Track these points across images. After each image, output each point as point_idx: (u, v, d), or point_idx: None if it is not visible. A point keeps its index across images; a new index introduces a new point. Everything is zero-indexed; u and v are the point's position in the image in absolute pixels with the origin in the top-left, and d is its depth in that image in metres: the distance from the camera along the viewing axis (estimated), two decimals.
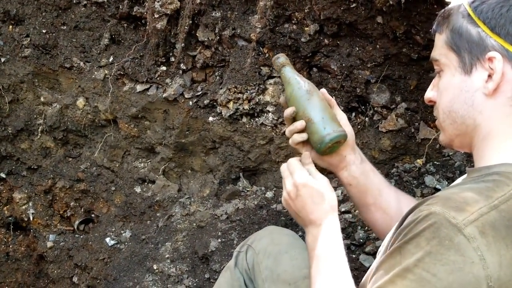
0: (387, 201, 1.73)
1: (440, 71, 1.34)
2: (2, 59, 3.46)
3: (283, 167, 1.62)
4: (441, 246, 1.04)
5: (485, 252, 1.04)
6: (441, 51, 1.33)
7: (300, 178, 1.52)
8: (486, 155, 1.27)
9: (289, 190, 1.54)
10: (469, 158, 2.79)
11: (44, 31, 3.36)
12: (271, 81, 3.04)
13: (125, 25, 3.26)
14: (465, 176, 1.35)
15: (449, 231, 1.05)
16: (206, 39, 3.05)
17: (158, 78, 3.24)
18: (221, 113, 3.13)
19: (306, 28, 2.84)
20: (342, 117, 1.72)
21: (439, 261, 1.04)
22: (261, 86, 3.03)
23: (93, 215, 3.68)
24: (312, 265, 1.46)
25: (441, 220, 1.07)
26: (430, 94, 1.40)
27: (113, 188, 3.56)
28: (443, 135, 1.40)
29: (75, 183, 3.63)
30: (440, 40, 1.33)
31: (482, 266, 1.03)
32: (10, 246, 3.79)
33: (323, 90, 1.75)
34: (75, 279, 3.51)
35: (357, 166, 1.73)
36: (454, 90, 1.29)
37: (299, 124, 1.63)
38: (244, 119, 3.13)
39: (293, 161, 1.59)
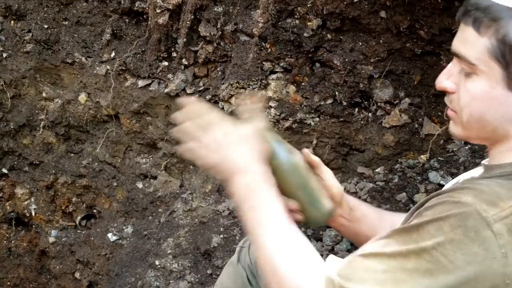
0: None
1: (471, 73, 1.21)
2: (4, 54, 3.45)
3: (188, 124, 1.40)
4: (465, 236, 1.02)
5: (510, 251, 1.02)
6: (479, 56, 1.17)
7: (222, 127, 1.31)
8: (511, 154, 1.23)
9: (208, 142, 1.31)
10: (473, 154, 2.77)
11: (46, 26, 3.35)
12: (274, 76, 3.03)
13: (127, 20, 3.25)
14: (478, 170, 1.33)
15: (477, 223, 1.03)
16: (208, 34, 3.03)
17: (160, 74, 3.23)
18: (223, 108, 3.12)
19: (309, 23, 2.82)
20: (328, 176, 1.51)
21: (461, 250, 1.02)
22: (263, 81, 3.02)
23: (95, 211, 3.68)
24: (249, 218, 1.25)
25: (471, 210, 1.04)
26: (446, 84, 1.25)
27: (115, 184, 3.55)
28: (460, 131, 1.27)
29: (77, 179, 3.63)
30: (480, 44, 1.17)
31: (503, 263, 1.02)
32: (12, 242, 3.80)
33: (305, 151, 1.49)
34: (77, 275, 3.51)
35: (345, 219, 1.63)
36: (491, 102, 1.19)
37: (294, 206, 1.42)
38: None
39: (212, 112, 1.37)
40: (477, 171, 1.35)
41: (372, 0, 2.68)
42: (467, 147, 2.81)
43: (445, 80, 1.25)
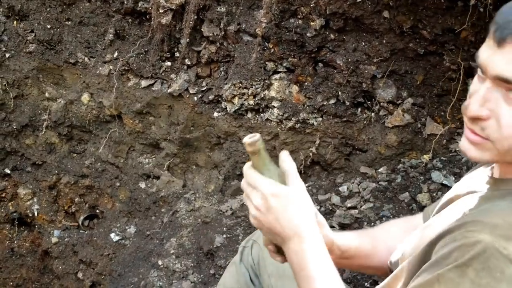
0: (378, 261, 1.60)
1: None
2: (7, 55, 3.45)
3: (243, 183, 1.34)
4: (491, 278, 0.98)
5: None
6: None
7: (267, 189, 1.26)
8: None
9: (258, 204, 1.27)
10: None
11: (48, 26, 3.35)
12: (277, 76, 3.03)
13: (130, 20, 3.25)
14: (480, 173, 1.30)
15: (500, 262, 0.98)
16: (211, 34, 3.03)
17: (163, 74, 3.23)
18: (226, 108, 3.12)
19: (312, 23, 2.82)
20: (323, 230, 1.48)
21: None
22: (266, 81, 3.02)
23: (97, 211, 3.68)
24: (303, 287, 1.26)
25: (491, 250, 0.98)
26: (482, 112, 1.11)
27: (117, 184, 3.55)
28: (488, 157, 1.16)
29: (79, 179, 3.63)
30: None
31: None
32: (15, 242, 3.80)
33: None
34: (79, 275, 3.51)
35: (339, 259, 1.54)
36: None
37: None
38: (249, 115, 3.12)
39: (251, 173, 1.30)
40: (480, 175, 1.32)
41: (375, 0, 2.68)
42: None
43: (480, 107, 1.12)
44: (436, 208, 1.43)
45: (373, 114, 2.97)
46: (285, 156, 1.31)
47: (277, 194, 1.25)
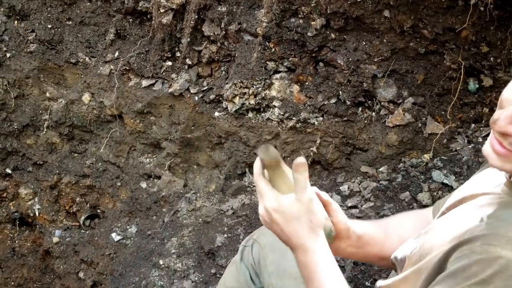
0: (391, 251, 1.58)
1: None
2: (8, 55, 3.46)
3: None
4: None
5: None
6: None
7: (269, 203, 1.31)
8: None
9: (262, 214, 1.34)
10: (476, 153, 2.77)
11: (49, 26, 3.35)
12: (277, 76, 3.03)
13: (131, 20, 3.25)
14: (492, 173, 1.29)
15: None
16: (211, 34, 3.03)
17: (163, 73, 3.23)
18: (227, 108, 3.12)
19: (312, 22, 2.82)
20: (336, 213, 1.50)
21: None
22: (267, 81, 3.02)
23: (98, 211, 3.68)
24: None
25: None
26: (510, 129, 1.11)
27: (118, 184, 3.56)
28: (509, 167, 1.15)
29: (80, 179, 3.63)
30: None
31: None
32: (16, 242, 3.80)
33: (315, 189, 1.45)
34: (81, 275, 3.52)
35: (353, 247, 1.56)
36: None
37: None
38: (250, 114, 3.12)
39: (259, 182, 1.34)
40: (493, 176, 1.30)
41: (376, 0, 2.68)
42: (470, 146, 2.81)
43: (509, 124, 1.11)
44: (445, 206, 1.41)
45: (373, 113, 2.97)
46: (296, 165, 1.31)
47: (278, 209, 1.29)
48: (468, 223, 1.13)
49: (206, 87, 3.17)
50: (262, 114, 3.10)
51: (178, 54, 3.18)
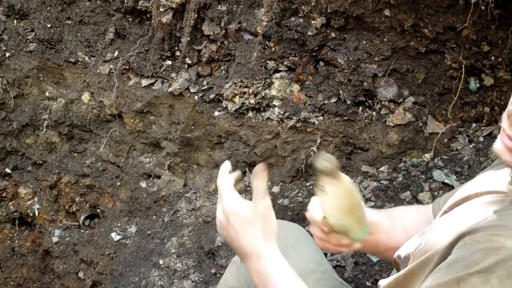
0: (396, 240, 1.57)
1: None
2: (7, 54, 3.45)
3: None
4: None
5: None
6: None
7: (228, 205, 1.31)
8: None
9: (219, 217, 1.34)
10: (477, 153, 2.76)
11: (49, 25, 3.35)
12: (277, 75, 3.02)
13: (130, 19, 3.25)
14: (501, 172, 1.28)
15: None
16: (211, 33, 3.03)
17: (163, 73, 3.23)
18: (227, 107, 3.11)
19: (313, 21, 2.82)
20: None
21: None
22: (267, 80, 3.01)
23: (98, 210, 3.68)
24: None
25: None
26: None
27: (118, 183, 3.55)
28: None
29: (80, 178, 3.63)
30: None
31: None
32: (16, 242, 3.79)
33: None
34: (80, 274, 3.51)
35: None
36: None
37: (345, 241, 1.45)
38: (250, 114, 3.11)
39: (222, 181, 1.35)
40: (500, 175, 1.29)
41: None
42: (471, 146, 2.80)
43: None
44: (448, 205, 1.40)
45: (374, 113, 2.96)
46: (256, 172, 1.34)
47: (236, 213, 1.30)
48: (474, 218, 1.12)
49: (206, 87, 3.16)
50: (262, 113, 3.09)
51: (178, 53, 3.17)
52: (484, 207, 1.17)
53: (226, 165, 1.39)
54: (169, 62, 3.20)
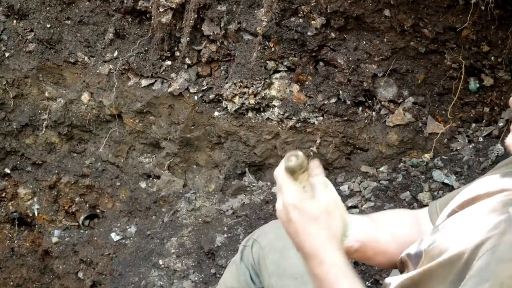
0: (383, 246, 1.50)
1: None
2: (7, 54, 3.45)
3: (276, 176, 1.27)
4: None
5: None
6: None
7: (289, 197, 1.18)
8: None
9: (278, 210, 1.21)
10: (477, 153, 2.76)
11: (48, 25, 3.34)
12: (277, 75, 3.02)
13: (130, 19, 3.24)
14: None
15: None
16: (211, 33, 3.02)
17: (163, 73, 3.22)
18: (226, 107, 3.11)
19: (312, 22, 2.82)
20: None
21: None
22: (267, 80, 3.01)
23: (98, 211, 3.68)
24: None
25: None
26: None
27: (118, 184, 3.55)
28: None
29: (80, 179, 3.62)
30: None
31: None
32: (15, 242, 3.79)
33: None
34: (80, 275, 3.51)
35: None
36: None
37: None
38: (250, 114, 3.11)
39: (281, 175, 1.22)
40: (504, 175, 1.27)
41: None
42: (471, 146, 2.80)
43: None
44: (455, 204, 1.37)
45: (374, 113, 2.96)
46: (311, 169, 1.23)
47: (298, 207, 1.17)
48: (488, 214, 1.11)
49: (206, 87, 3.16)
50: (262, 113, 3.09)
51: (177, 53, 3.17)
52: (502, 204, 1.15)
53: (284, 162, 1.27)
54: (169, 62, 3.20)
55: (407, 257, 1.38)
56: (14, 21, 3.40)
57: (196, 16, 3.02)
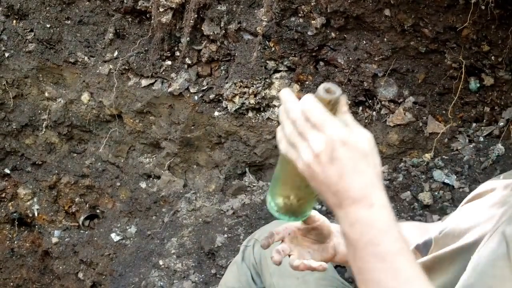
0: None
1: None
2: (6, 54, 3.44)
3: (285, 111, 1.06)
4: None
5: None
6: None
7: (337, 133, 0.94)
8: None
9: (318, 150, 0.94)
10: (478, 153, 2.76)
11: (48, 25, 3.34)
12: (277, 75, 3.02)
13: (130, 19, 3.24)
14: None
15: None
16: (211, 33, 3.02)
17: (163, 73, 3.22)
18: (226, 107, 3.11)
19: (313, 21, 2.81)
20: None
21: None
22: (267, 80, 3.01)
23: (98, 211, 3.67)
24: (373, 268, 0.99)
25: None
26: None
27: (118, 184, 3.54)
28: None
29: (80, 179, 3.62)
30: None
31: None
32: (15, 242, 3.79)
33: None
34: (80, 275, 3.50)
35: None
36: None
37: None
38: (250, 114, 3.11)
39: (316, 106, 0.98)
40: None
41: None
42: (471, 146, 2.80)
43: None
44: (471, 195, 1.36)
45: (374, 113, 2.96)
46: (342, 103, 1.03)
47: (348, 142, 0.95)
48: (497, 204, 1.10)
49: (206, 87, 3.16)
50: (262, 113, 3.09)
51: (177, 53, 3.17)
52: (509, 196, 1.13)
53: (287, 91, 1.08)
54: (169, 62, 3.20)
55: (415, 248, 1.36)
56: (14, 21, 3.40)
57: (196, 16, 3.02)
